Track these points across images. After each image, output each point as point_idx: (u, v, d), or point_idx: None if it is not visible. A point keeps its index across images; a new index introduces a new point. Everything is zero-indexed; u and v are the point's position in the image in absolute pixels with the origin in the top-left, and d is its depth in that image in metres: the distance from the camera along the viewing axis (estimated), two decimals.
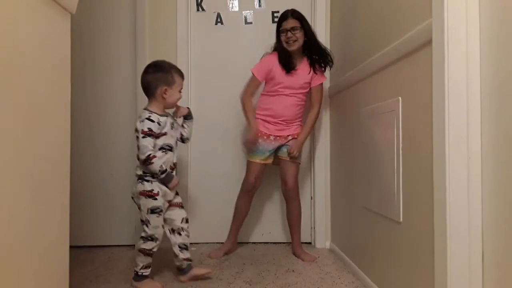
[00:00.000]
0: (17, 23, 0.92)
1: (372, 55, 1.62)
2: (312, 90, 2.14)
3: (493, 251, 1.02)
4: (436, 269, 1.11)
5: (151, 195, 1.66)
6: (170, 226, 1.77)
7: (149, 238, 1.68)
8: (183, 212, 1.80)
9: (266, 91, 2.15)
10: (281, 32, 2.05)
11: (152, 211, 1.66)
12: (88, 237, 2.36)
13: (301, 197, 2.20)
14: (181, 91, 1.78)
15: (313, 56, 2.11)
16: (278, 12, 2.44)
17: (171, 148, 1.73)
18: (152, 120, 1.66)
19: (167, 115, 1.76)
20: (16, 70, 0.92)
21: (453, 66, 1.06)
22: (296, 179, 2.16)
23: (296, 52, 2.08)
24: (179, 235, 1.77)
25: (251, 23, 2.47)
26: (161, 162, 1.67)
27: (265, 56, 2.14)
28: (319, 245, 2.36)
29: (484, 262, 1.04)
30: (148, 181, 1.67)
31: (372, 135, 1.64)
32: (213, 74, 2.46)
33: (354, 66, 1.86)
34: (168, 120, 1.73)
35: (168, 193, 1.72)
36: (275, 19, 2.44)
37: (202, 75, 2.45)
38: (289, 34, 2.02)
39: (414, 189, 1.28)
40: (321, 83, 2.15)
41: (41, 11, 1.04)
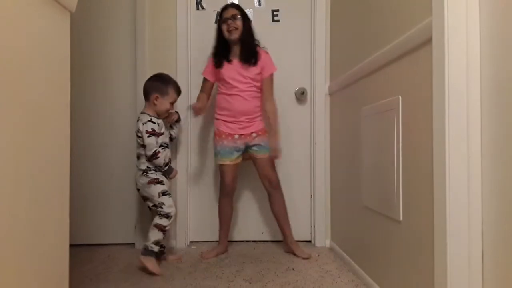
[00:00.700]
0: (16, 22, 0.92)
1: (372, 53, 1.62)
2: (264, 81, 2.12)
3: (493, 250, 1.02)
4: (436, 268, 1.11)
5: (158, 182, 1.95)
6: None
7: (165, 216, 1.90)
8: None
9: (220, 91, 2.15)
10: (222, 23, 2.08)
11: (163, 193, 1.94)
12: (87, 235, 2.36)
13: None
14: (173, 104, 2.05)
15: (245, 47, 2.10)
16: (278, 10, 2.44)
17: (167, 145, 2.04)
18: (153, 122, 1.95)
19: (160, 118, 2.03)
20: (15, 69, 0.92)
21: (453, 65, 1.06)
22: (276, 171, 2.17)
23: (234, 42, 2.09)
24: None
25: (250, 21, 2.46)
26: (164, 156, 1.95)
27: (209, 58, 2.19)
28: (319, 243, 2.36)
29: (484, 261, 1.04)
30: (152, 172, 1.96)
31: (372, 133, 1.64)
32: None
33: (354, 64, 1.86)
34: (162, 122, 2.02)
35: (167, 182, 2.01)
36: (275, 18, 2.45)
37: (201, 74, 2.44)
38: (230, 22, 2.05)
39: (414, 188, 1.28)
40: (271, 74, 2.14)
41: (41, 9, 1.03)
